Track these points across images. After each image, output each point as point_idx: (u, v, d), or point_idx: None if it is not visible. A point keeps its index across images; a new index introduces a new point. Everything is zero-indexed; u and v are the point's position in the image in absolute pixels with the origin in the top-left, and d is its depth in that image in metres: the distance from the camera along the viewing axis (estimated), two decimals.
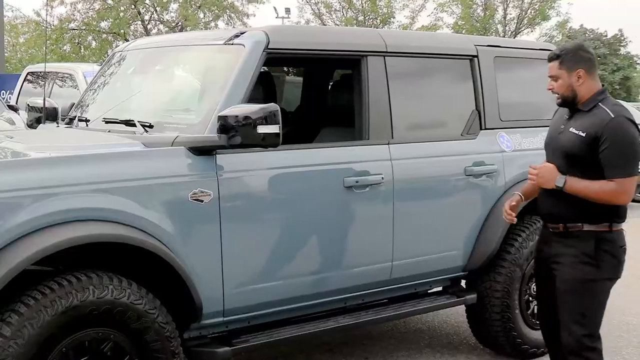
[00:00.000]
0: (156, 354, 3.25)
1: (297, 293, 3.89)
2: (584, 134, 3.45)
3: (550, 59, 3.60)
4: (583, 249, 3.51)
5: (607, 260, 3.51)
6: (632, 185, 3.45)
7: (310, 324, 4.02)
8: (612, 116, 3.43)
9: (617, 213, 3.51)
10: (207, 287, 3.48)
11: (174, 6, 31.99)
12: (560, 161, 3.56)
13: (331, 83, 5.51)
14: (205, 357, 3.63)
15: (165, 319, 3.28)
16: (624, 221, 3.56)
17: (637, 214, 11.97)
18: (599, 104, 3.51)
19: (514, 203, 3.80)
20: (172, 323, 3.32)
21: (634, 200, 13.03)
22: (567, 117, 3.62)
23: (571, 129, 3.52)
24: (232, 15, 32.36)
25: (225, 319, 3.66)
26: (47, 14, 32.10)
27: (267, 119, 3.39)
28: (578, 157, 3.48)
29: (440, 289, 4.76)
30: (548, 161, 3.62)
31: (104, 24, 31.49)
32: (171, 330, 3.30)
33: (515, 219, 3.82)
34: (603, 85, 3.63)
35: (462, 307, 4.89)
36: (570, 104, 3.58)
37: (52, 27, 29.68)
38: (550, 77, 3.60)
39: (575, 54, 3.56)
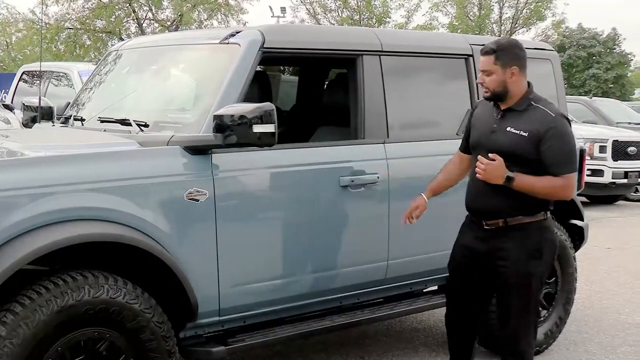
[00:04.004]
0: (152, 353, 3.25)
1: (293, 292, 3.89)
2: (526, 134, 3.47)
3: (486, 53, 3.56)
4: (529, 242, 3.55)
5: (548, 249, 3.60)
6: (575, 180, 3.56)
7: (306, 323, 4.02)
8: (553, 115, 3.49)
9: (549, 202, 3.61)
10: (203, 287, 3.48)
11: (168, 4, 31.95)
12: None
13: (327, 82, 5.51)
14: (200, 357, 3.63)
15: (161, 318, 3.28)
16: (553, 207, 3.66)
17: (631, 213, 12.03)
18: (532, 103, 3.55)
19: (417, 206, 3.86)
20: (167, 322, 3.32)
21: (631, 200, 13.12)
22: (499, 116, 3.60)
23: (509, 129, 3.52)
24: (226, 14, 32.35)
25: (220, 318, 3.66)
26: (42, 12, 32.01)
27: (263, 118, 3.39)
28: (520, 156, 3.48)
29: (435, 287, 4.77)
30: (478, 159, 3.57)
31: (98, 23, 31.42)
32: (167, 330, 3.30)
33: (415, 221, 3.87)
34: (529, 84, 3.63)
35: None
36: (499, 99, 3.58)
37: (47, 25, 29.59)
38: (482, 71, 3.58)
39: (511, 51, 3.55)
